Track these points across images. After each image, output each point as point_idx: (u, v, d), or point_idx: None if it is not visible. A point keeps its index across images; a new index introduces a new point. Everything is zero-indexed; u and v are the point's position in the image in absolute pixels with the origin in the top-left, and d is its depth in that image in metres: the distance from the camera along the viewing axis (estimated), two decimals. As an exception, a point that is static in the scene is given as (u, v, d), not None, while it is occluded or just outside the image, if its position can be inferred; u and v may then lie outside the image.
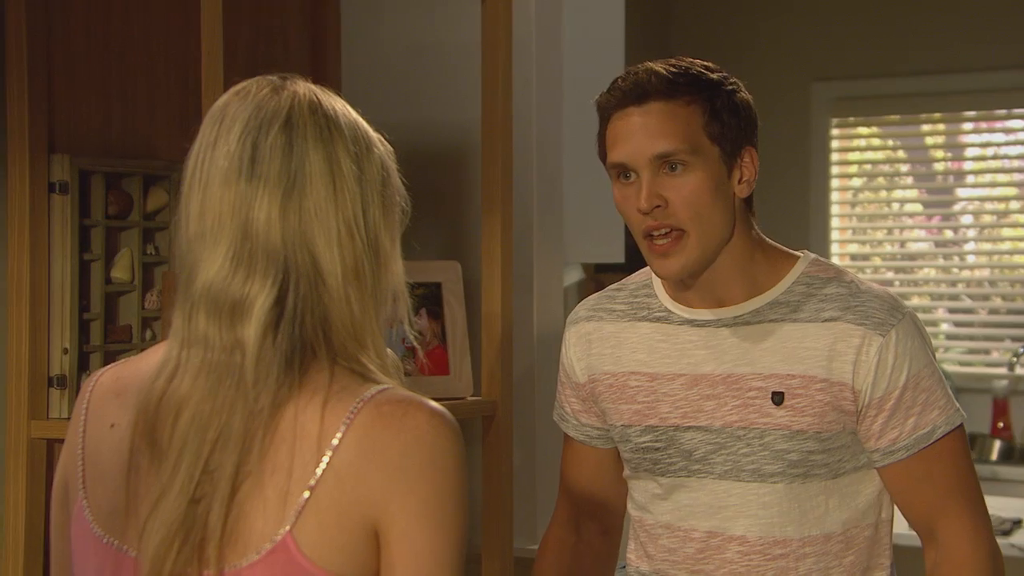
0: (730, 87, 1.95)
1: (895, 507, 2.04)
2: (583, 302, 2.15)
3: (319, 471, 1.36)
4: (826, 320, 1.95)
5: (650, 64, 1.94)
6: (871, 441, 1.96)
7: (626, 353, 2.05)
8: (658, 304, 2.04)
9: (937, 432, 1.94)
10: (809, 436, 1.94)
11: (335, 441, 1.37)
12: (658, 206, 1.90)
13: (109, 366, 1.55)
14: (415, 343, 1.67)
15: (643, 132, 1.90)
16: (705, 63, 1.97)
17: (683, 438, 1.98)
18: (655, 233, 1.92)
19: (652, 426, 2.01)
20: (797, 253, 2.03)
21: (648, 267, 2.05)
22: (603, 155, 1.97)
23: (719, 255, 1.95)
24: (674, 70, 1.92)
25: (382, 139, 1.48)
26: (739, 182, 1.95)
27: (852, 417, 1.95)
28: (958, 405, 1.97)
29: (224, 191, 1.40)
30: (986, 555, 1.96)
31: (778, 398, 1.94)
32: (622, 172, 1.93)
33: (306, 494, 1.36)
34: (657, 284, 2.06)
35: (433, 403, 1.42)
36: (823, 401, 1.93)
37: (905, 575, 2.22)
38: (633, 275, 2.13)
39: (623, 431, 2.04)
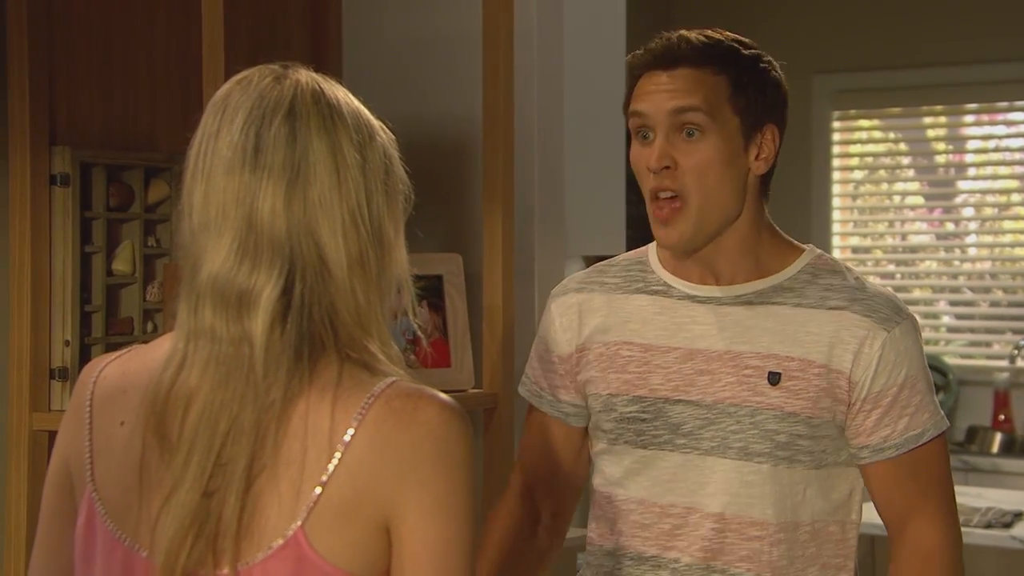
0: (763, 65, 1.99)
1: (863, 509, 2.04)
2: (571, 276, 2.13)
3: (331, 467, 1.35)
4: (831, 308, 1.95)
5: (684, 32, 1.96)
6: (861, 437, 1.96)
7: (618, 323, 2.03)
8: (656, 278, 2.04)
9: (926, 435, 1.96)
10: (800, 420, 1.93)
11: (347, 437, 1.36)
12: (667, 167, 1.92)
13: (111, 358, 1.53)
14: (420, 333, 1.66)
15: (666, 89, 1.93)
16: (740, 38, 1.99)
17: (672, 411, 1.97)
18: (660, 195, 1.93)
19: (640, 396, 1.99)
20: (803, 246, 2.04)
21: (640, 248, 2.10)
22: (627, 107, 1.99)
23: (724, 232, 1.96)
24: (706, 40, 1.94)
25: (383, 127, 1.47)
26: (757, 158, 1.96)
27: (843, 407, 1.95)
28: (943, 413, 2.00)
29: (228, 181, 1.39)
30: (954, 546, 1.98)
31: (774, 378, 1.94)
32: (641, 129, 1.95)
33: (318, 490, 1.35)
34: (654, 260, 2.06)
35: (442, 395, 1.41)
36: (819, 386, 1.93)
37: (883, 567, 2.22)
38: (623, 254, 2.13)
39: (608, 400, 2.02)
